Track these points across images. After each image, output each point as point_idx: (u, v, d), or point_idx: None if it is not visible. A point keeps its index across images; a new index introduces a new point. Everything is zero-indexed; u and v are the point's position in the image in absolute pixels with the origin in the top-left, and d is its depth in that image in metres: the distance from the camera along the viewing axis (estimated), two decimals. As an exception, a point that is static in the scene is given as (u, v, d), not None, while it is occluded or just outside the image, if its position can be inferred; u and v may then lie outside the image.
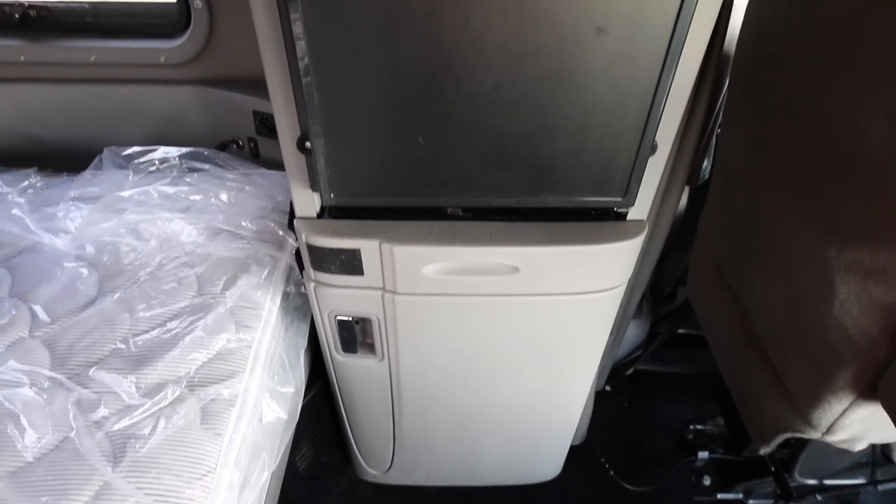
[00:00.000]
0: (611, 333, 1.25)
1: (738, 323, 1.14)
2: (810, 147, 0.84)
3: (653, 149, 0.82)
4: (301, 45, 0.68)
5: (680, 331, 1.74)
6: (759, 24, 0.97)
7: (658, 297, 1.71)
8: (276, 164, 1.41)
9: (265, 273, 1.13)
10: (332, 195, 0.84)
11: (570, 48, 0.68)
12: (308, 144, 0.80)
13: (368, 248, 0.92)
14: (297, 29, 0.66)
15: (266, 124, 1.42)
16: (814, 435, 0.94)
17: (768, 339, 1.03)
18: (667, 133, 0.84)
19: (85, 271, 1.15)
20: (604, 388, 1.80)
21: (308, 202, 0.93)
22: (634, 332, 1.72)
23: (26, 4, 1.43)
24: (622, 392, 1.91)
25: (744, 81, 1.04)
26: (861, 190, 0.76)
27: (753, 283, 1.07)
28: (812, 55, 0.82)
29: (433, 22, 0.66)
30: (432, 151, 0.78)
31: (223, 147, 1.49)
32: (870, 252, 0.76)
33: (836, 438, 0.93)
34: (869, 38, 0.71)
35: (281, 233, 1.19)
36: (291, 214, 1.00)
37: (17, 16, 1.43)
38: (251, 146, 1.50)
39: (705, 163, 1.34)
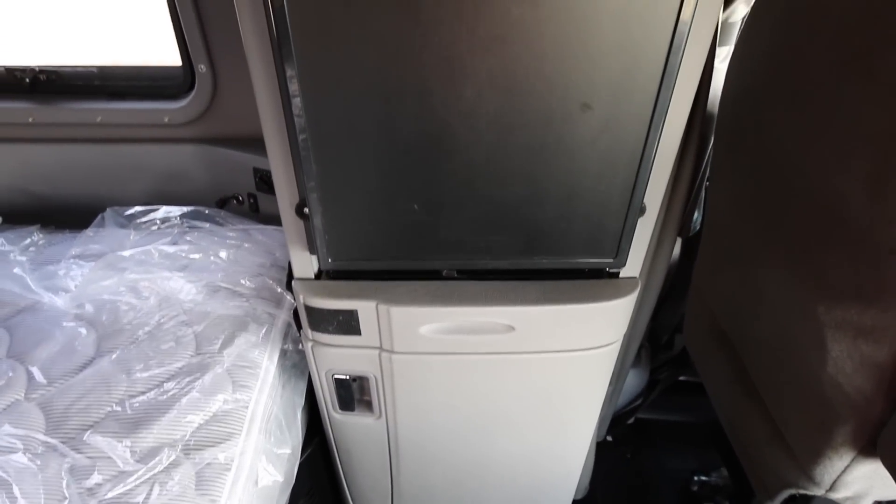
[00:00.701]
0: (610, 383, 1.25)
1: (736, 374, 1.14)
2: (794, 207, 0.87)
3: (642, 210, 0.84)
4: (297, 103, 0.70)
5: (681, 378, 1.73)
6: (739, 88, 1.01)
7: (656, 344, 1.70)
8: (275, 219, 1.43)
9: (263, 331, 1.14)
10: (329, 260, 0.86)
11: (557, 122, 0.71)
12: (306, 210, 0.82)
13: (366, 309, 0.93)
14: (294, 87, 0.69)
15: (265, 181, 1.46)
16: (817, 492, 0.93)
17: (766, 392, 1.03)
18: (655, 194, 0.87)
19: (83, 331, 1.15)
20: (605, 438, 1.78)
21: (306, 263, 0.94)
22: (634, 381, 1.71)
23: (37, 69, 1.49)
24: (624, 442, 1.88)
25: (728, 141, 1.08)
26: (845, 251, 0.78)
27: (749, 335, 1.08)
28: (791, 120, 0.85)
29: (426, 97, 0.70)
30: (427, 217, 0.80)
31: (223, 203, 1.53)
32: (858, 311, 0.77)
33: (840, 496, 0.91)
34: (845, 107, 0.74)
35: (279, 290, 1.20)
36: (290, 275, 1.02)
37: (27, 80, 1.48)
38: (251, 202, 1.53)
39: (696, 214, 1.36)
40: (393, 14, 0.64)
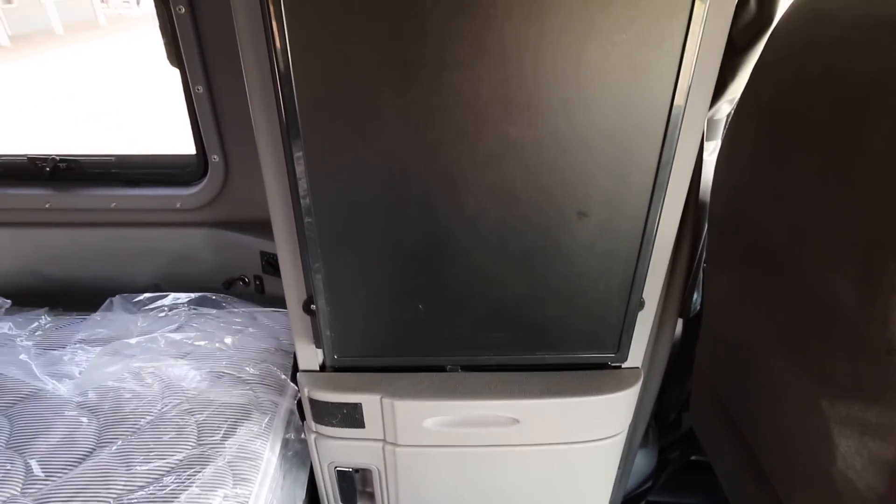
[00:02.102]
0: (618, 467, 1.22)
1: (745, 460, 1.12)
2: (789, 300, 0.89)
3: (641, 304, 0.86)
4: (303, 185, 0.72)
5: (692, 458, 1.69)
6: (728, 184, 1.06)
7: (663, 423, 1.67)
8: (280, 301, 1.46)
9: (266, 420, 1.13)
10: (335, 356, 0.87)
11: (555, 229, 0.74)
12: (313, 307, 0.84)
13: (370, 402, 0.93)
14: (300, 168, 0.71)
15: (272, 264, 1.49)
16: None
17: (778, 482, 1.01)
18: (653, 287, 0.89)
19: (85, 420, 1.15)
20: (615, 523, 1.71)
21: (311, 356, 0.95)
22: (643, 462, 1.67)
23: (58, 158, 1.56)
24: (635, 527, 1.81)
25: (720, 231, 1.11)
26: (843, 347, 0.79)
27: (755, 421, 1.07)
28: (779, 218, 0.89)
29: (430, 208, 0.73)
30: (431, 316, 0.82)
31: (230, 284, 1.55)
32: (861, 409, 0.77)
33: None
34: (828, 212, 0.77)
35: (283, 376, 1.20)
36: (294, 366, 1.03)
37: (48, 169, 1.55)
38: (257, 283, 1.56)
39: (696, 295, 1.38)
40: (399, 137, 0.68)
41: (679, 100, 0.68)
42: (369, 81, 0.65)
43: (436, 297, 0.81)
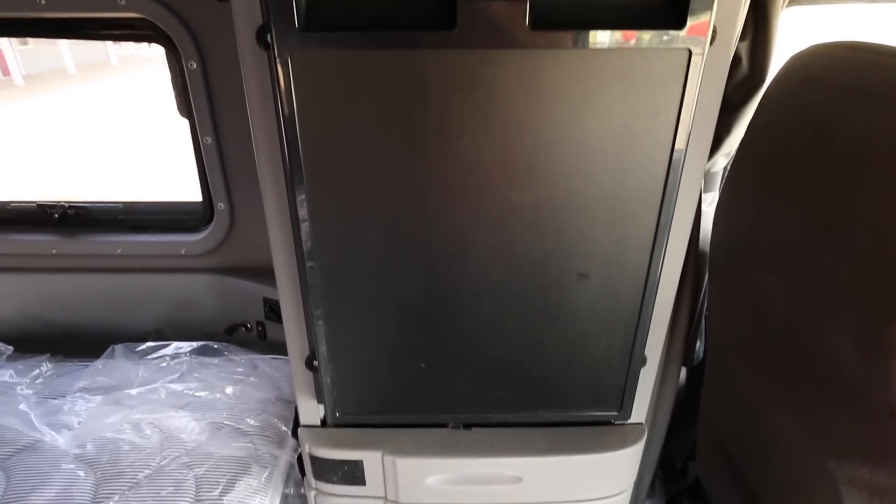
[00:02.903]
0: (625, 520, 1.19)
1: None
2: (791, 356, 0.89)
3: (643, 361, 0.86)
4: (306, 227, 0.72)
5: (698, 507, 1.65)
6: (726, 238, 1.07)
7: (670, 473, 1.64)
8: (282, 347, 1.46)
9: (265, 475, 1.11)
10: (337, 414, 0.87)
11: (556, 290, 0.75)
12: (316, 363, 0.85)
13: (371, 460, 0.92)
14: (303, 212, 0.71)
15: (274, 310, 1.49)
16: None
17: None
18: (655, 343, 0.89)
19: (82, 473, 1.13)
20: (623, 577, 1.66)
21: (312, 411, 0.95)
22: (649, 513, 1.63)
23: (66, 205, 1.58)
24: (644, 581, 1.75)
25: (721, 283, 1.12)
26: (847, 407, 0.78)
27: (762, 475, 1.05)
28: (777, 275, 0.89)
29: (432, 269, 0.74)
30: (434, 375, 0.82)
31: (232, 330, 1.55)
32: (868, 471, 0.76)
33: None
34: (825, 272, 0.78)
35: (283, 428, 1.19)
36: (296, 421, 1.02)
37: (56, 215, 1.57)
38: (259, 330, 1.56)
39: (699, 343, 1.38)
40: (401, 200, 0.70)
41: (676, 163, 0.70)
42: (373, 148, 0.68)
43: (438, 355, 0.81)
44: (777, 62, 1.07)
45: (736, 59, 1.07)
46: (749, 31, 1.05)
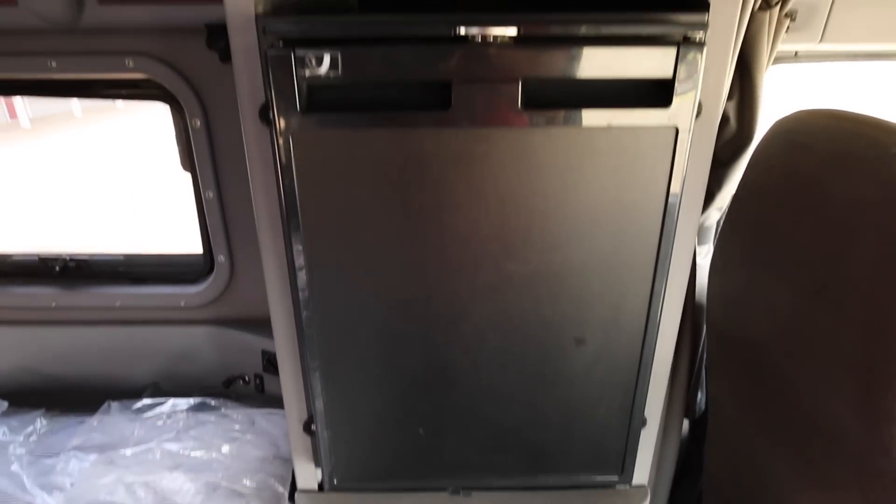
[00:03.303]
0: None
1: None
2: (793, 417, 0.88)
3: (643, 423, 0.86)
4: (302, 276, 0.72)
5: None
6: (722, 293, 1.08)
7: (675, 528, 1.60)
8: (280, 401, 1.44)
9: (260, 540, 1.09)
10: (335, 481, 0.86)
11: (553, 356, 0.76)
12: (314, 427, 0.84)
13: None
14: (300, 261, 0.71)
15: (272, 363, 1.48)
16: None
17: None
18: (655, 403, 0.89)
19: (72, 539, 1.10)
20: None
21: (310, 475, 0.94)
22: (656, 571, 1.57)
23: (68, 258, 1.59)
24: None
25: (719, 337, 1.12)
26: (851, 470, 0.77)
27: None
28: (776, 337, 0.90)
29: (430, 337, 0.75)
30: (432, 440, 0.82)
31: (230, 383, 1.54)
32: (879, 538, 0.75)
33: None
34: (823, 334, 0.79)
35: (280, 489, 1.17)
36: (293, 486, 1.00)
37: (57, 268, 1.58)
38: (257, 382, 1.55)
39: (700, 395, 1.37)
40: (398, 269, 0.71)
41: (668, 230, 0.71)
42: (371, 220, 0.69)
43: (437, 420, 0.80)
44: (764, 120, 1.10)
45: (724, 118, 1.10)
46: (735, 91, 1.08)
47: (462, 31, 0.60)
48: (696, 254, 1.16)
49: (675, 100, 0.63)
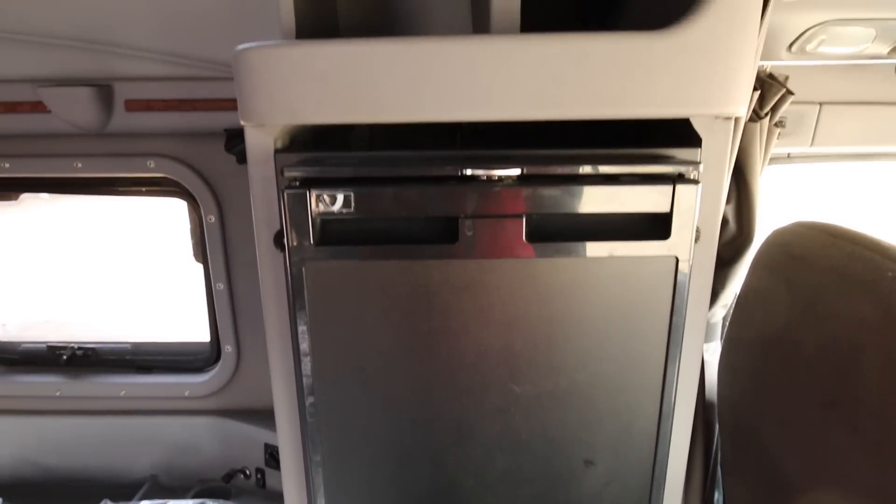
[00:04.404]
0: None
1: None
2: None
3: None
4: (303, 333, 0.71)
5: None
6: (732, 395, 1.07)
7: None
8: (281, 497, 1.40)
9: None
10: None
11: (563, 478, 0.74)
12: None
13: None
14: (301, 320, 0.70)
15: (275, 457, 1.45)
16: None
17: None
18: None
19: None
20: None
21: None
22: None
23: (76, 347, 1.60)
24: None
25: (732, 439, 1.10)
26: None
27: None
28: (788, 443, 0.88)
29: (438, 458, 0.74)
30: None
31: (230, 477, 1.50)
32: None
33: None
34: (835, 453, 0.77)
35: None
36: None
37: (64, 356, 1.59)
38: (258, 477, 1.51)
39: (717, 494, 1.32)
40: (406, 391, 0.72)
41: (674, 349, 0.72)
42: (379, 343, 0.70)
43: (443, 544, 0.78)
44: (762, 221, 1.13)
45: (723, 221, 1.13)
46: (733, 195, 1.12)
47: (468, 171, 0.64)
48: (702, 350, 1.16)
49: (674, 232, 0.66)
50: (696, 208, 0.66)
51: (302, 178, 0.65)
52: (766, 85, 1.07)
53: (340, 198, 0.64)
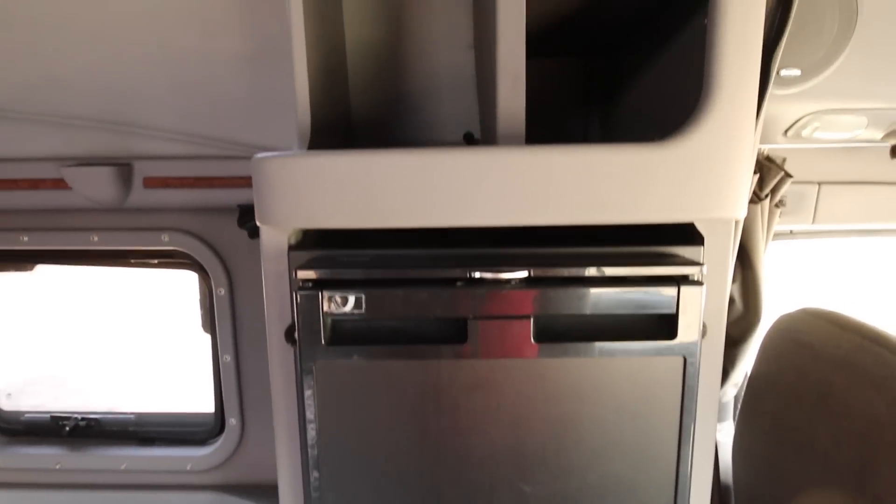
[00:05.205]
0: None
1: None
2: None
3: None
4: (312, 429, 0.70)
5: None
6: (747, 477, 1.04)
7: None
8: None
9: None
10: None
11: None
12: None
13: None
14: (310, 413, 0.70)
15: (277, 538, 1.41)
16: None
17: None
18: None
19: None
20: None
21: None
22: None
23: (79, 418, 1.59)
24: None
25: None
26: None
27: None
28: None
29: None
30: None
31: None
32: None
33: None
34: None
35: None
36: None
37: (67, 427, 1.57)
38: (259, 560, 1.46)
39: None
40: (415, 490, 0.71)
41: (685, 449, 0.71)
42: (388, 441, 0.70)
43: None
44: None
45: (730, 300, 1.14)
46: (738, 275, 1.13)
47: (476, 274, 0.66)
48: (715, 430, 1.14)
49: (680, 331, 0.66)
50: (701, 309, 0.67)
51: (314, 279, 0.67)
52: (765, 168, 1.10)
53: (352, 299, 0.65)
